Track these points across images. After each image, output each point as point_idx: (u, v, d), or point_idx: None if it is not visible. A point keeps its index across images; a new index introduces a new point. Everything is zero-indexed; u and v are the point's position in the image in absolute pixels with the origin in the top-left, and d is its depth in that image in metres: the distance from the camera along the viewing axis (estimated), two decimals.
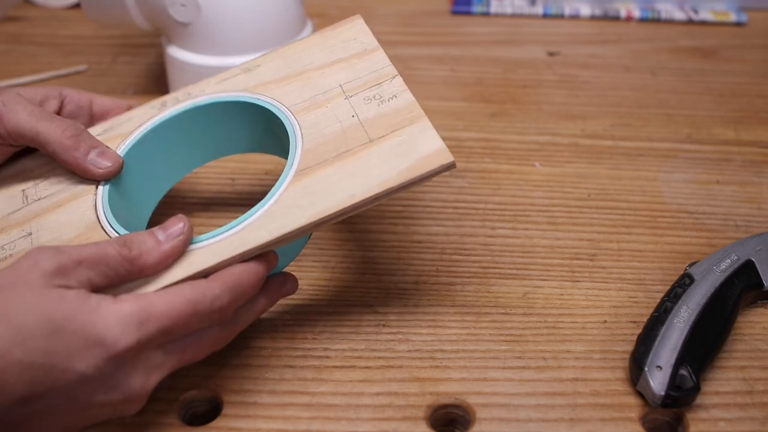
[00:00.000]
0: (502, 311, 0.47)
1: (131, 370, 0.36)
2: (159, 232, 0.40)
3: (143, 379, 0.37)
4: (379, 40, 0.48)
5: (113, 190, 0.46)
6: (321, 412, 0.41)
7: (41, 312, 0.34)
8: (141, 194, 0.49)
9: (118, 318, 0.35)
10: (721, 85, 0.70)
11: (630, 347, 0.44)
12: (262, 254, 0.41)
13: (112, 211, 0.44)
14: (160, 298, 0.37)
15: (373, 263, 0.51)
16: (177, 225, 0.40)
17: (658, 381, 0.41)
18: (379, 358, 0.44)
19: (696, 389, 0.41)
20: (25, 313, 0.34)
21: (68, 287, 0.36)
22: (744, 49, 0.76)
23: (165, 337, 0.37)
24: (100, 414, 0.37)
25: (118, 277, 0.38)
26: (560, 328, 0.46)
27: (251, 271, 0.40)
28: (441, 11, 0.82)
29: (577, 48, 0.76)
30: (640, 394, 0.42)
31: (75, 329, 0.35)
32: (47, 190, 0.47)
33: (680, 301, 0.44)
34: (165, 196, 0.51)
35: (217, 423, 0.41)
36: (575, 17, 0.81)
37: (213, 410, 0.42)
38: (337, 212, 0.41)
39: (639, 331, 0.44)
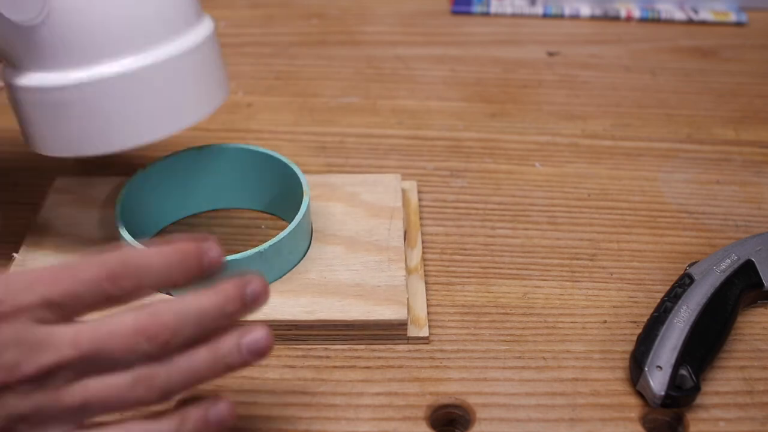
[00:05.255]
0: (502, 311, 0.47)
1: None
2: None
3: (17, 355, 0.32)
4: (379, 40, 0.49)
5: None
6: (321, 412, 0.41)
7: None
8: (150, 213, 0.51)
9: None
10: (721, 85, 0.70)
11: (630, 347, 0.44)
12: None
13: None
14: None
15: None
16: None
17: (658, 381, 0.41)
18: (379, 358, 0.44)
19: (696, 389, 0.41)
20: None
21: None
22: (744, 49, 0.76)
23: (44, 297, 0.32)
24: None
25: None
26: (560, 328, 0.46)
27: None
28: (441, 11, 0.82)
29: (577, 48, 0.76)
30: (640, 394, 0.42)
31: None
32: None
33: (680, 301, 0.44)
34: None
35: None
36: (575, 17, 0.81)
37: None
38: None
39: (639, 331, 0.44)
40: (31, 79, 0.40)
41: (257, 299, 0.35)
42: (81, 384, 0.33)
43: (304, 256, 0.48)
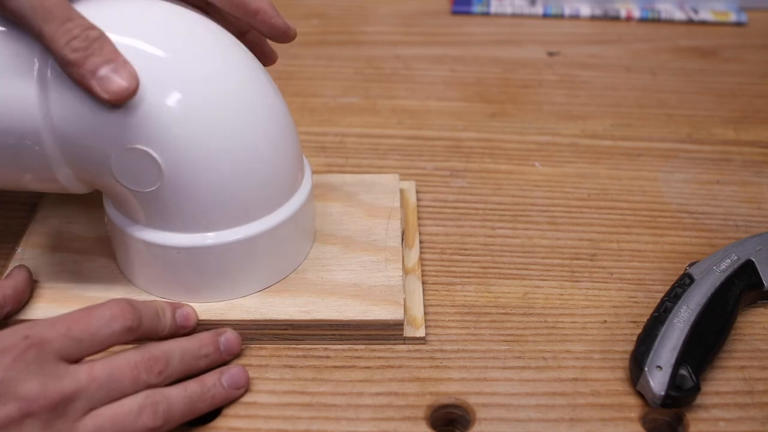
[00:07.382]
0: (502, 311, 0.47)
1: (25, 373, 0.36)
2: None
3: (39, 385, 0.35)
4: (379, 40, 0.49)
5: None
6: (321, 412, 0.41)
7: None
8: None
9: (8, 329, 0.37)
10: (721, 85, 0.70)
11: (630, 347, 0.44)
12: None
13: None
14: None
15: None
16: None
17: (658, 381, 0.41)
18: (379, 358, 0.44)
19: (696, 389, 0.41)
20: None
21: None
22: (744, 49, 0.76)
23: (61, 340, 0.37)
24: None
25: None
26: (560, 328, 0.46)
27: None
28: (441, 11, 0.82)
29: (577, 48, 0.76)
30: (640, 394, 0.42)
31: None
32: None
33: (680, 301, 0.44)
34: None
35: (217, 423, 0.41)
36: (575, 17, 0.81)
37: (213, 410, 0.42)
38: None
39: (639, 331, 0.44)
40: (139, 232, 0.43)
41: (229, 345, 0.43)
42: (93, 414, 0.37)
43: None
